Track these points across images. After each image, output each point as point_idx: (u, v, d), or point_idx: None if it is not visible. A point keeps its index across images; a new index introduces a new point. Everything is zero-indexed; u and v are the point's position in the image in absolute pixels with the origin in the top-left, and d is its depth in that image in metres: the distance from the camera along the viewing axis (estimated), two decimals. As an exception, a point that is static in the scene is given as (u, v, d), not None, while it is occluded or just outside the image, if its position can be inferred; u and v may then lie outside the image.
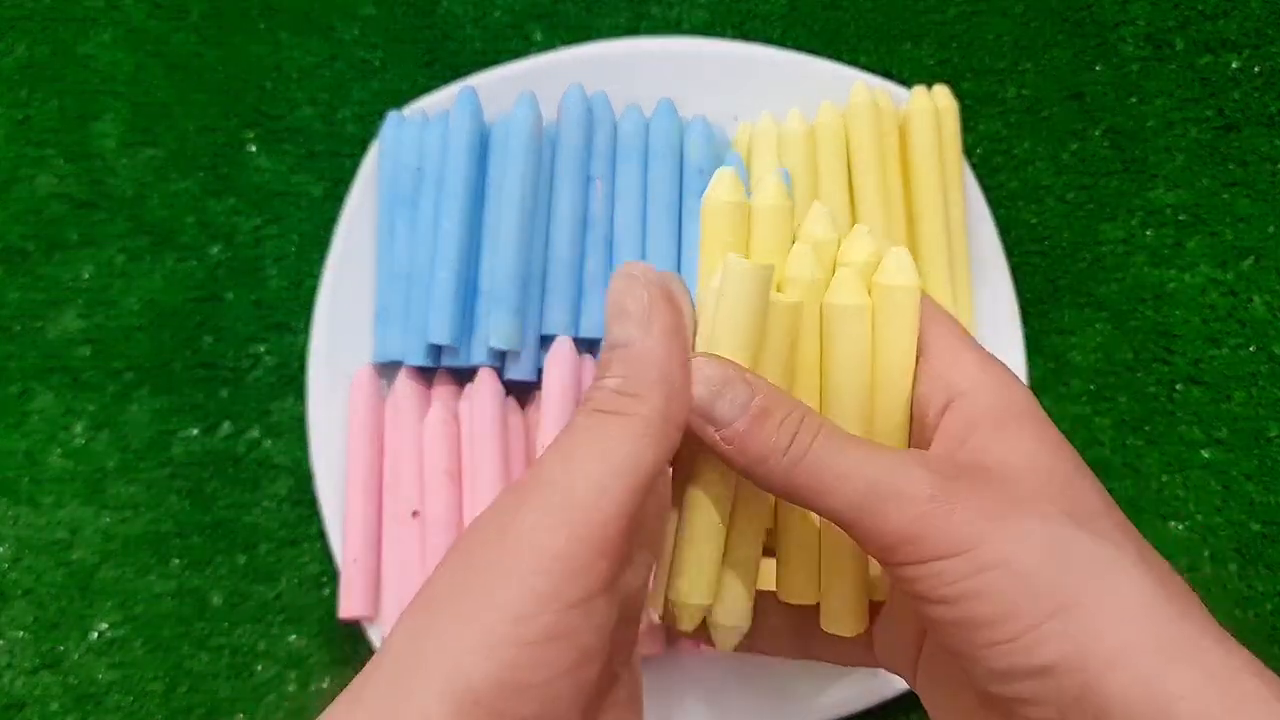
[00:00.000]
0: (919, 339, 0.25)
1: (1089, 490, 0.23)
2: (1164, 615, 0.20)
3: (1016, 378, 0.25)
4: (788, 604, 0.27)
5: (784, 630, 0.29)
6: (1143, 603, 0.20)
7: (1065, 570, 0.21)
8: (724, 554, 0.26)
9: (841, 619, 0.27)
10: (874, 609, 0.28)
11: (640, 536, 0.24)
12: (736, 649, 0.27)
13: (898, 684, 0.40)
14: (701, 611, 0.26)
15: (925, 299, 0.26)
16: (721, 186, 0.26)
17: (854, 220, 0.42)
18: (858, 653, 0.28)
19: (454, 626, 0.18)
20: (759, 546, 0.26)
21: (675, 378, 0.22)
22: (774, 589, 0.28)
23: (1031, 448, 0.23)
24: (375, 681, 0.19)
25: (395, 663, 0.19)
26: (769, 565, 0.28)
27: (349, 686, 0.20)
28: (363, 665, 0.21)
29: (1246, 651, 0.21)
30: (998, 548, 0.21)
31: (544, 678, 0.18)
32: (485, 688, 0.18)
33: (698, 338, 0.24)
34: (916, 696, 0.27)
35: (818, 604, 0.27)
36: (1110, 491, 0.24)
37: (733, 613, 0.26)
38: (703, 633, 0.27)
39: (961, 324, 0.26)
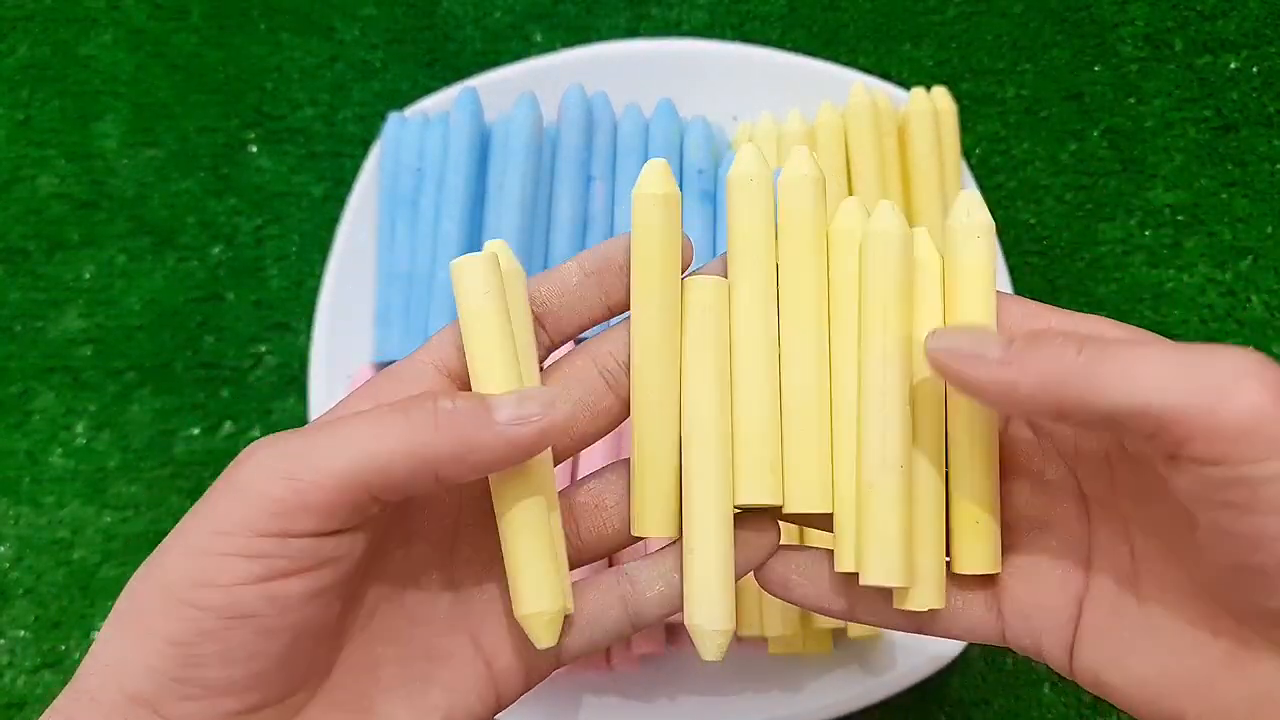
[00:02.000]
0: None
1: None
2: None
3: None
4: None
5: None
6: None
7: None
8: (689, 551, 0.24)
9: (976, 554, 0.24)
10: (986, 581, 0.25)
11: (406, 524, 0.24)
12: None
13: (897, 683, 0.40)
14: (554, 619, 0.23)
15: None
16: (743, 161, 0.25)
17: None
18: (982, 628, 0.25)
19: (171, 540, 0.22)
20: (728, 540, 0.24)
21: (473, 449, 0.22)
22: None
23: None
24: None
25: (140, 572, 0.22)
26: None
27: None
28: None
29: None
30: None
31: (229, 581, 0.21)
32: (181, 579, 0.21)
33: None
34: (916, 696, 0.26)
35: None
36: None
37: (711, 614, 0.24)
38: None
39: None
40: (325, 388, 0.42)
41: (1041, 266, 0.46)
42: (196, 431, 0.45)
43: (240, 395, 0.45)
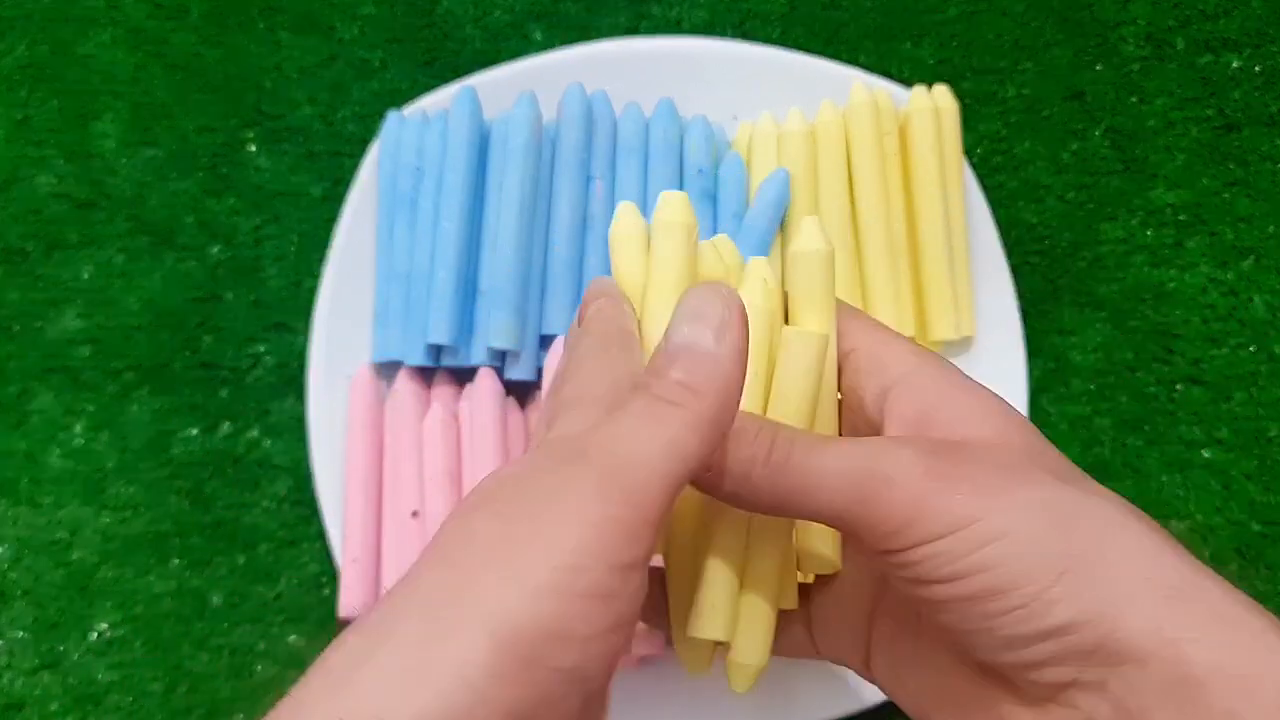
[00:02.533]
0: (842, 337, 0.26)
1: (1061, 457, 0.24)
2: (1168, 562, 0.21)
3: (949, 361, 0.25)
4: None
5: None
6: (1144, 550, 0.21)
7: (1068, 530, 0.21)
8: (743, 592, 0.26)
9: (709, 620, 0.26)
10: (805, 597, 0.29)
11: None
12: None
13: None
14: (714, 648, 0.27)
15: (840, 304, 0.26)
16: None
17: (854, 222, 0.42)
18: (798, 645, 0.29)
19: (497, 572, 0.18)
20: (775, 585, 0.27)
21: (734, 388, 0.21)
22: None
23: (998, 422, 0.24)
24: (405, 621, 0.18)
25: (428, 604, 0.18)
26: None
27: (362, 623, 0.19)
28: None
29: (1246, 594, 0.21)
30: (998, 519, 0.21)
31: (585, 633, 0.17)
32: (530, 632, 0.17)
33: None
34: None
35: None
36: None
37: (752, 651, 0.27)
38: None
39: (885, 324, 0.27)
40: (324, 388, 0.42)
41: (1043, 266, 0.46)
42: (195, 432, 0.45)
43: (239, 395, 0.45)
